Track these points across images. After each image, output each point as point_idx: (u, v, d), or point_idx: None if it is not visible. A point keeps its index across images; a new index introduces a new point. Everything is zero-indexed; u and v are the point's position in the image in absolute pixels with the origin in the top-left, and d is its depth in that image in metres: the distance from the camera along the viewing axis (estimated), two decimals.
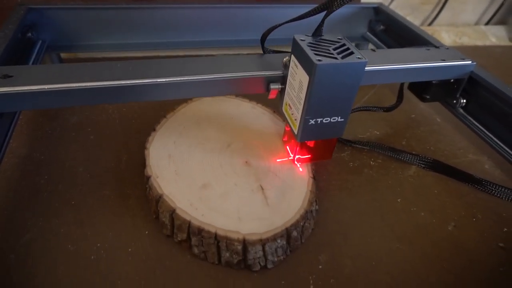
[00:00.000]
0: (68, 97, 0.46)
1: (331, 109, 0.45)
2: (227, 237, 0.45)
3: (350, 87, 0.43)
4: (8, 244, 0.45)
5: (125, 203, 0.52)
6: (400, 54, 0.60)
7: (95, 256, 0.45)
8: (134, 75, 0.48)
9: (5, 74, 0.45)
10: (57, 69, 0.48)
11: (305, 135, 0.47)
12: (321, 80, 0.41)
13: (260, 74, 0.51)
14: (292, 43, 0.45)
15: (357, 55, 0.42)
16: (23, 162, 0.56)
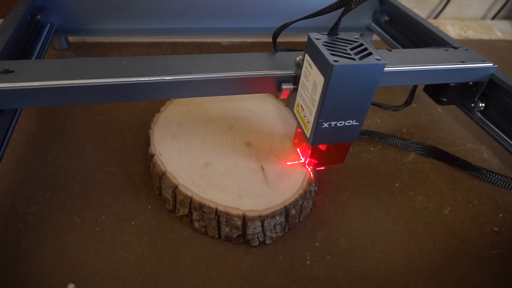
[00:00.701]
0: (72, 94, 0.44)
1: (347, 112, 0.43)
2: (227, 212, 0.46)
3: (367, 90, 0.41)
4: (17, 214, 0.47)
5: (129, 179, 0.53)
6: (418, 55, 0.57)
7: (100, 227, 0.47)
8: (140, 72, 0.46)
9: (6, 69, 0.43)
10: (61, 64, 0.45)
11: (318, 139, 0.45)
12: (337, 82, 0.39)
13: (271, 74, 0.48)
14: (306, 41, 0.43)
15: (375, 56, 0.40)
16: (32, 138, 0.58)
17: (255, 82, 0.49)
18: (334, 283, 0.44)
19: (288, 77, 0.49)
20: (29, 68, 0.44)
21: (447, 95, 0.63)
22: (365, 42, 0.42)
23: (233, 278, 0.43)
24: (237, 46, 0.91)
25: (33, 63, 0.46)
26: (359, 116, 0.44)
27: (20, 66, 0.44)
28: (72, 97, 0.44)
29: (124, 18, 0.82)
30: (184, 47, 0.89)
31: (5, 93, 0.41)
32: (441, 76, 0.57)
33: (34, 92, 0.42)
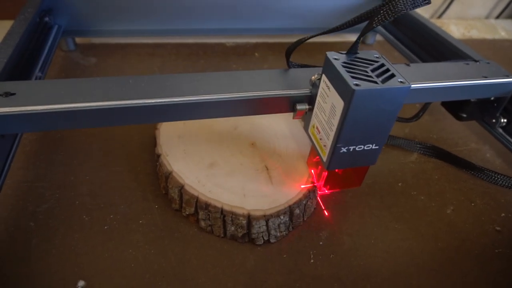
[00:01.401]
0: (77, 118, 0.41)
1: (366, 136, 0.40)
2: (233, 212, 0.47)
3: (389, 113, 0.39)
4: (28, 212, 0.48)
5: (136, 179, 0.54)
6: (438, 70, 0.55)
7: (108, 226, 0.48)
8: (147, 94, 0.43)
9: (7, 92, 0.41)
10: (64, 85, 0.43)
11: (335, 164, 0.43)
12: (358, 107, 0.37)
13: (285, 94, 0.46)
14: (324, 61, 0.41)
15: (399, 78, 0.37)
16: (41, 138, 0.59)
17: (268, 102, 0.46)
18: (337, 282, 0.45)
19: (303, 97, 0.46)
20: (31, 90, 0.42)
21: (467, 110, 0.61)
22: (386, 61, 0.40)
23: (239, 276, 0.44)
24: (241, 47, 0.92)
25: (35, 85, 0.44)
26: (380, 140, 0.42)
27: (21, 88, 0.42)
28: (77, 122, 0.42)
29: (130, 20, 0.83)
30: (188, 48, 0.90)
31: (5, 118, 0.39)
32: (462, 93, 0.55)
33: (36, 117, 0.40)
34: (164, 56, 0.86)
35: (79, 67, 0.79)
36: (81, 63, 0.80)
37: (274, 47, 0.93)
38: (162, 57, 0.85)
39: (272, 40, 0.96)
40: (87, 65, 0.80)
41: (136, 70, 0.80)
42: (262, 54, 0.90)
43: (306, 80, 0.46)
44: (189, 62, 0.84)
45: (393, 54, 0.96)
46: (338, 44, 1.00)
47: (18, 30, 0.60)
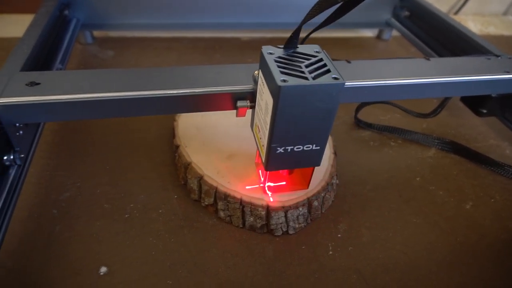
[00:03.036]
0: (100, 108, 0.42)
1: (304, 136, 0.38)
2: (252, 203, 0.47)
3: (325, 112, 0.36)
4: (51, 200, 0.49)
5: (155, 169, 0.55)
6: (458, 65, 0.54)
7: (129, 214, 0.48)
8: (168, 85, 0.43)
9: (32, 81, 0.42)
10: (86, 76, 0.44)
11: (273, 164, 0.41)
12: (287, 104, 0.35)
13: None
14: (260, 55, 0.38)
15: (333, 74, 0.35)
16: (61, 129, 0.60)
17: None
18: (356, 274, 0.45)
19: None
20: (55, 80, 0.43)
21: (488, 106, 0.60)
22: (326, 57, 0.38)
23: (258, 266, 0.44)
24: (256, 41, 0.92)
25: (58, 75, 0.45)
26: (320, 140, 0.39)
27: (45, 78, 0.43)
28: (100, 111, 0.43)
29: (147, 14, 0.84)
30: (204, 42, 0.90)
31: (31, 106, 0.40)
32: (484, 88, 0.54)
33: (60, 106, 0.41)
34: (180, 50, 0.86)
35: (96, 60, 0.80)
36: (98, 56, 0.81)
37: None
38: (178, 51, 0.86)
39: (287, 35, 0.95)
40: (105, 58, 0.81)
41: (152, 64, 0.80)
42: None
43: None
44: (205, 56, 0.85)
45: (409, 50, 0.95)
46: (353, 39, 0.99)
47: (39, 23, 0.61)
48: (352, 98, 0.53)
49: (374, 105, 0.71)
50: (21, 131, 0.44)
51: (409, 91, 0.52)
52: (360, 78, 0.49)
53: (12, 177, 0.43)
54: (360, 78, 0.49)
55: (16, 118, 0.42)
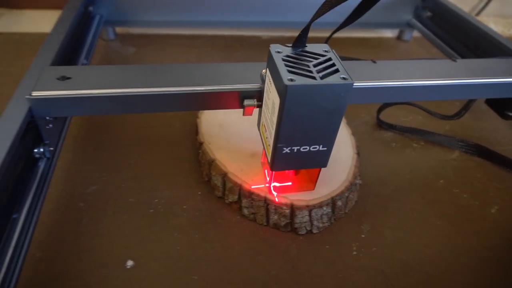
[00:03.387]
0: (129, 103, 0.43)
1: (310, 137, 0.38)
2: None
3: (332, 112, 0.36)
4: (77, 193, 0.50)
5: (178, 165, 0.55)
6: (485, 66, 0.54)
7: (154, 209, 0.49)
8: (197, 81, 0.44)
9: (63, 76, 0.43)
10: (116, 71, 0.45)
11: (280, 165, 0.40)
12: (294, 104, 0.34)
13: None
14: (267, 54, 0.38)
15: (342, 74, 0.34)
16: (87, 123, 0.61)
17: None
18: (380, 275, 0.44)
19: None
20: (85, 75, 0.44)
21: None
22: (334, 57, 0.37)
23: (282, 264, 0.44)
24: (276, 40, 0.92)
25: (88, 70, 0.45)
26: (326, 141, 0.38)
27: (75, 72, 0.44)
28: (129, 106, 0.43)
29: (168, 11, 0.84)
30: (224, 40, 0.90)
31: (63, 100, 0.41)
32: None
33: (91, 100, 0.41)
34: (200, 47, 0.87)
35: (119, 56, 0.81)
36: (121, 52, 0.82)
37: (308, 41, 0.92)
38: (198, 48, 0.86)
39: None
40: (127, 55, 0.81)
41: (174, 61, 0.81)
42: None
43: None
44: (225, 54, 0.85)
45: (430, 51, 0.94)
46: (373, 40, 0.98)
47: (67, 18, 0.62)
48: (378, 98, 0.52)
49: (396, 106, 0.71)
50: (50, 124, 0.45)
51: (436, 93, 0.52)
52: (386, 78, 0.49)
53: (42, 169, 0.44)
54: (386, 78, 0.49)
55: (48, 112, 0.43)
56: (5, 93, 0.66)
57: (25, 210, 0.39)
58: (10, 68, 0.73)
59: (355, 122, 0.67)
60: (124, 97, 0.42)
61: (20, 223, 0.38)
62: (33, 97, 0.41)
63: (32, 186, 0.41)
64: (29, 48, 0.80)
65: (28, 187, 0.41)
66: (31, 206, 0.40)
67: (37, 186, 0.42)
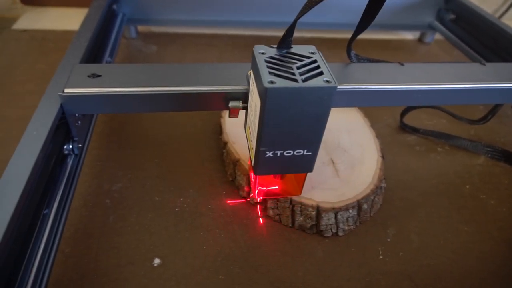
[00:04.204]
0: (159, 102, 0.43)
1: (294, 141, 0.36)
2: (302, 202, 0.47)
3: (315, 116, 0.34)
4: (103, 190, 0.50)
5: (202, 165, 0.55)
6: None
7: (179, 208, 0.49)
8: (222, 81, 0.43)
9: (94, 73, 0.43)
10: (144, 69, 0.45)
11: (263, 169, 0.39)
12: (275, 107, 0.33)
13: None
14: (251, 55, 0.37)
15: (325, 77, 0.33)
16: (110, 120, 0.62)
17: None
18: (407, 279, 0.44)
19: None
20: (114, 72, 0.44)
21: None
22: (320, 59, 0.36)
23: (308, 266, 0.44)
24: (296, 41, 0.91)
25: (117, 68, 0.45)
26: (311, 146, 0.37)
27: (105, 70, 0.44)
28: (158, 105, 0.43)
29: (189, 10, 0.85)
30: (244, 40, 0.90)
31: (93, 98, 0.41)
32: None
33: (121, 98, 0.42)
34: (221, 47, 0.87)
35: (141, 54, 0.81)
36: (143, 51, 0.83)
37: (327, 42, 0.92)
38: (219, 47, 0.86)
39: (326, 35, 0.95)
40: (149, 53, 0.82)
41: (195, 60, 0.81)
42: None
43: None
44: (246, 53, 0.85)
45: (452, 54, 0.93)
46: (393, 42, 0.98)
47: (94, 17, 0.63)
48: (406, 101, 0.52)
49: (419, 109, 0.70)
50: (79, 121, 0.46)
51: (465, 96, 0.51)
52: (415, 81, 0.49)
53: (70, 166, 0.44)
54: (415, 81, 0.49)
55: (78, 109, 0.43)
56: (31, 90, 0.68)
57: (55, 206, 0.40)
58: (36, 65, 0.74)
59: (378, 125, 0.66)
60: (151, 95, 0.42)
61: (50, 219, 0.39)
62: (65, 94, 0.41)
63: (61, 182, 0.42)
64: (53, 45, 0.81)
65: (58, 183, 0.42)
66: (61, 201, 0.41)
67: (66, 182, 0.42)
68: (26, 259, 0.34)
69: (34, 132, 0.38)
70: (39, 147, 0.36)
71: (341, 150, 0.55)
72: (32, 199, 0.36)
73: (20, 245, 0.34)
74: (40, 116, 0.40)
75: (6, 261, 0.31)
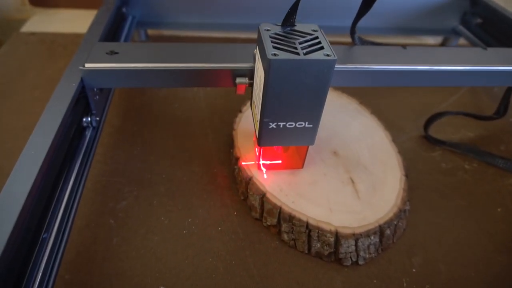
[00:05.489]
0: (171, 77, 0.46)
1: (296, 113, 0.39)
2: (319, 227, 0.44)
3: (316, 89, 0.37)
4: (108, 209, 0.47)
5: (213, 181, 0.52)
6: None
7: (187, 230, 0.46)
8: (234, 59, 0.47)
9: (112, 51, 0.46)
10: (159, 48, 0.48)
11: (267, 140, 0.42)
12: (278, 78, 0.35)
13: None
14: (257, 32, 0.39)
15: (326, 51, 0.35)
16: (117, 131, 0.59)
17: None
18: None
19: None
20: (130, 51, 0.47)
21: None
22: (322, 36, 0.38)
23: None
24: None
25: (133, 46, 0.48)
26: (312, 118, 0.40)
27: (123, 48, 0.47)
28: (170, 80, 0.46)
29: (200, 13, 0.81)
30: None
31: (111, 72, 0.45)
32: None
33: (136, 73, 0.45)
34: None
35: None
36: None
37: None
38: None
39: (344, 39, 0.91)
40: None
41: None
42: None
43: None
44: None
45: None
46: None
47: (102, 21, 0.60)
48: (407, 82, 0.51)
49: (444, 121, 0.65)
50: (97, 96, 0.48)
51: (466, 78, 0.52)
52: (416, 63, 0.49)
53: (88, 138, 0.46)
54: (416, 63, 0.49)
55: (97, 83, 0.46)
56: (39, 97, 0.65)
57: (73, 177, 0.41)
58: (44, 70, 0.72)
59: (400, 138, 0.62)
60: (164, 71, 0.45)
61: (67, 193, 0.40)
62: (86, 69, 0.44)
63: (79, 154, 0.44)
64: (62, 49, 0.78)
65: (77, 153, 0.44)
66: (79, 171, 0.42)
67: (83, 155, 0.44)
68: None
69: (56, 103, 0.40)
70: (61, 116, 0.39)
71: (361, 167, 0.52)
72: (53, 168, 0.38)
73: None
74: (62, 88, 0.42)
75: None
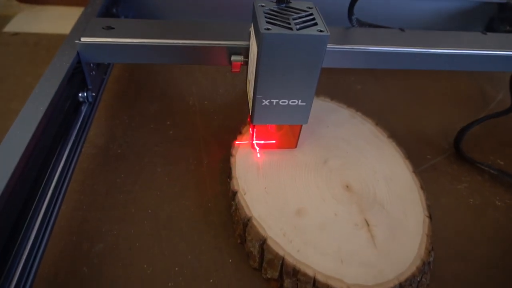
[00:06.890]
0: (166, 53, 0.45)
1: (288, 89, 0.39)
2: (329, 285, 0.37)
3: (309, 65, 0.37)
4: (82, 253, 0.41)
5: (206, 218, 0.45)
6: None
7: (173, 283, 0.39)
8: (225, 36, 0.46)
9: (108, 26, 0.46)
10: (155, 24, 0.48)
11: (260, 118, 0.42)
12: (270, 53, 0.35)
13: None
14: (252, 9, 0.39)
15: (319, 27, 0.35)
16: (100, 153, 0.52)
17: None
18: None
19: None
20: (127, 26, 0.47)
21: None
22: (317, 13, 0.38)
23: None
24: None
25: (129, 22, 0.49)
26: (305, 96, 0.40)
27: (119, 24, 0.47)
28: (165, 56, 0.45)
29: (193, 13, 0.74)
30: None
31: (107, 47, 0.44)
32: None
33: (131, 48, 0.44)
34: None
35: None
36: None
37: None
38: None
39: None
40: None
41: (203, 67, 0.71)
42: None
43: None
44: None
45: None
46: None
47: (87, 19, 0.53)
48: (405, 65, 0.50)
49: (467, 143, 0.58)
50: (93, 71, 0.48)
51: (463, 62, 0.50)
52: (414, 45, 0.49)
53: (84, 113, 0.46)
54: (414, 45, 0.49)
55: (93, 57, 0.45)
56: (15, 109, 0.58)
57: (68, 149, 0.41)
58: (24, 77, 0.65)
59: (421, 167, 0.55)
60: (159, 47, 0.45)
61: (59, 168, 0.39)
62: (82, 42, 0.43)
63: (74, 128, 0.43)
64: (45, 53, 0.71)
65: (72, 127, 0.43)
66: (72, 148, 0.41)
67: (78, 129, 0.44)
68: None
69: (51, 75, 0.40)
70: (55, 87, 0.38)
71: (377, 206, 0.44)
72: (46, 138, 0.38)
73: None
74: (58, 61, 0.42)
75: None
